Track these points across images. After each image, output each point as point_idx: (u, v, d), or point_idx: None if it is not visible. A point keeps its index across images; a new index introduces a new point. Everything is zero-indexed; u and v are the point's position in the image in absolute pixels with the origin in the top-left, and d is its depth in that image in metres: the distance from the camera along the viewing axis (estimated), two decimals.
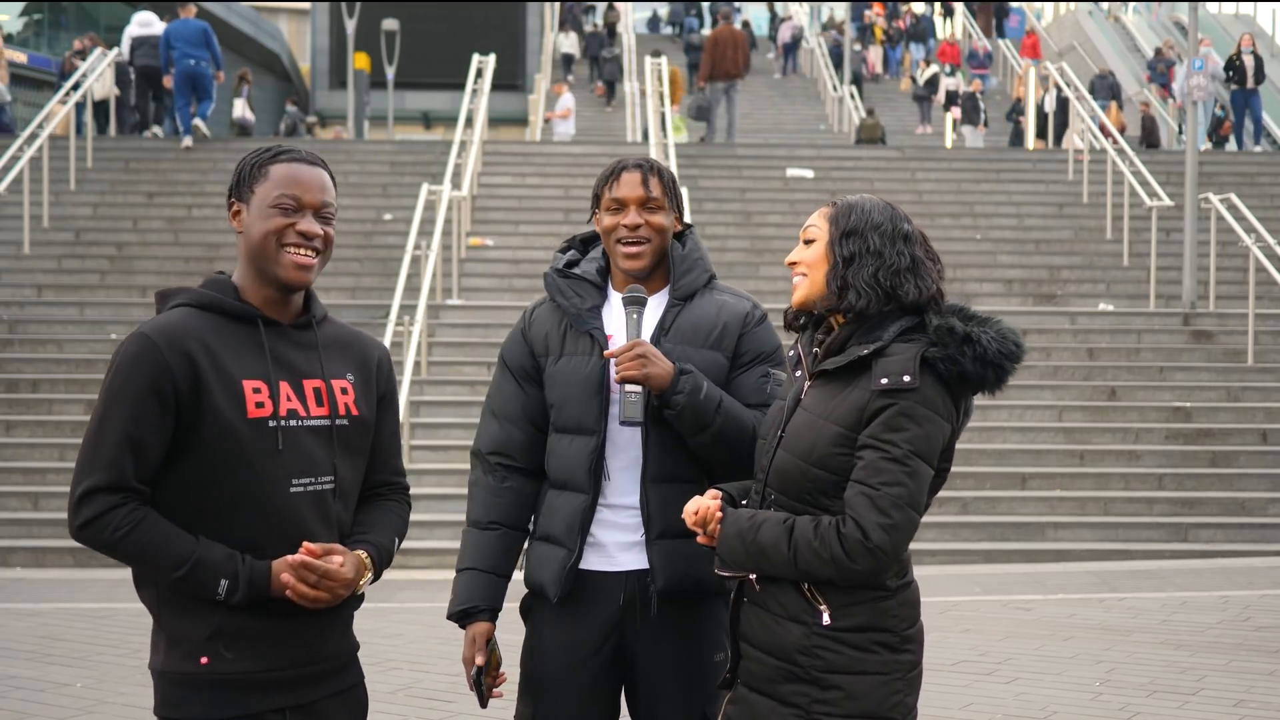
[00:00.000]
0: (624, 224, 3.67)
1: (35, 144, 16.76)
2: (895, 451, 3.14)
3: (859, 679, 3.19)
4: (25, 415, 13.10)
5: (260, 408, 3.07)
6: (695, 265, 3.76)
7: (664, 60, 20.55)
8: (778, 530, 3.20)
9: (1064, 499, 12.28)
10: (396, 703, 6.70)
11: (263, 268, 3.14)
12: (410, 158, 19.86)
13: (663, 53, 23.46)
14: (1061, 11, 39.34)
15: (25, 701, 6.87)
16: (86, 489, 3.00)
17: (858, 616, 3.20)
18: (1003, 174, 20.31)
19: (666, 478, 3.63)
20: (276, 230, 3.12)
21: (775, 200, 18.73)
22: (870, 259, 3.27)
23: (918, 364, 3.17)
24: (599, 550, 3.66)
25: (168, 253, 17.12)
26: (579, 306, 3.71)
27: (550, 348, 3.73)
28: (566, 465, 3.67)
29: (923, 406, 3.17)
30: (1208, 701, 6.94)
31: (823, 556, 3.14)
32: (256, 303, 3.15)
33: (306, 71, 43.13)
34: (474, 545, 3.74)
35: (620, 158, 3.77)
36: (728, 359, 3.69)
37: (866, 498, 3.13)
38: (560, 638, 3.66)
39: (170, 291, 3.20)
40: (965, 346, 3.19)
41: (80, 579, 10.36)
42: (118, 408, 3.01)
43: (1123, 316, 15.50)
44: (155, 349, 3.01)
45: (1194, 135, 16.83)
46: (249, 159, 3.20)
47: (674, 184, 3.74)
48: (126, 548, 3.00)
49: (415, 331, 12.98)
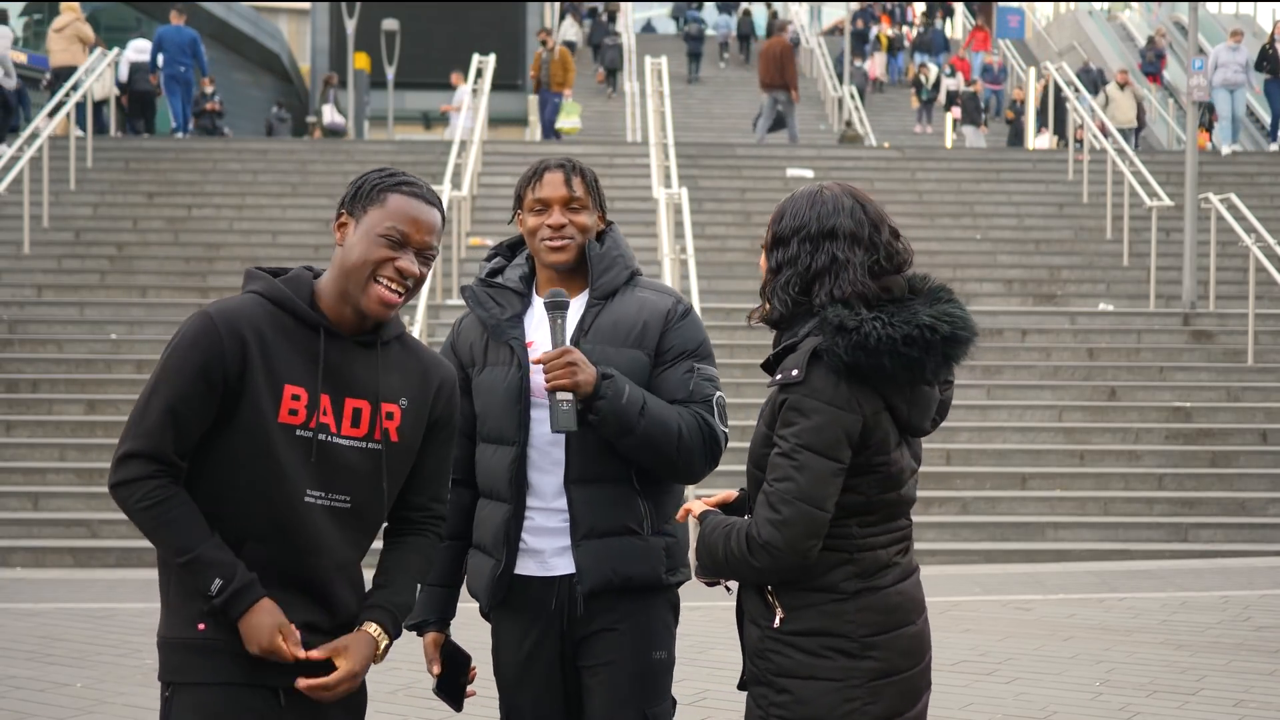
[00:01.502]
0: (548, 224, 3.70)
1: (35, 144, 16.76)
2: (784, 446, 3.12)
3: (807, 684, 3.16)
4: (25, 415, 13.09)
5: (294, 415, 3.10)
6: (615, 263, 3.76)
7: (664, 60, 20.54)
8: (720, 534, 3.21)
9: (1064, 499, 12.27)
10: (397, 703, 6.69)
11: (349, 289, 3.14)
12: (410, 158, 19.86)
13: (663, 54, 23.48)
14: (1061, 11, 39.29)
15: (25, 701, 6.87)
16: (126, 452, 3.07)
17: (808, 620, 3.17)
18: (1003, 174, 20.31)
19: (590, 479, 3.65)
20: (376, 261, 3.12)
21: (775, 200, 18.54)
22: (788, 267, 3.23)
23: (807, 358, 3.11)
24: (534, 556, 3.69)
25: (168, 253, 17.12)
26: (498, 316, 3.73)
27: (475, 358, 3.76)
28: (490, 475, 3.72)
29: (810, 398, 3.10)
30: (1208, 701, 6.94)
31: (735, 555, 3.16)
32: (329, 312, 3.15)
33: (306, 71, 43.12)
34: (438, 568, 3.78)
35: (542, 158, 3.79)
36: (650, 356, 3.69)
37: (763, 495, 3.14)
38: (509, 640, 3.74)
39: (255, 273, 3.22)
40: (839, 337, 3.08)
41: (80, 579, 10.36)
42: (167, 381, 3.07)
43: (1123, 316, 15.50)
44: (214, 331, 3.06)
45: (1193, 135, 16.82)
46: (373, 178, 3.20)
47: (596, 183, 3.78)
48: (145, 519, 3.07)
49: (415, 331, 12.98)
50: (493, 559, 3.70)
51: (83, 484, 12.11)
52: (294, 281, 3.18)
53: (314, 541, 3.14)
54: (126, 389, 13.46)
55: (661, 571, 3.70)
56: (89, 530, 11.49)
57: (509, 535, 3.67)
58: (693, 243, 14.38)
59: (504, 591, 3.69)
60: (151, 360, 13.64)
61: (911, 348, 3.08)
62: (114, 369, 13.75)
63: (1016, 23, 38.14)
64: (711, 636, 7.72)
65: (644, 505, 3.69)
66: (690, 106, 29.93)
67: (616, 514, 3.66)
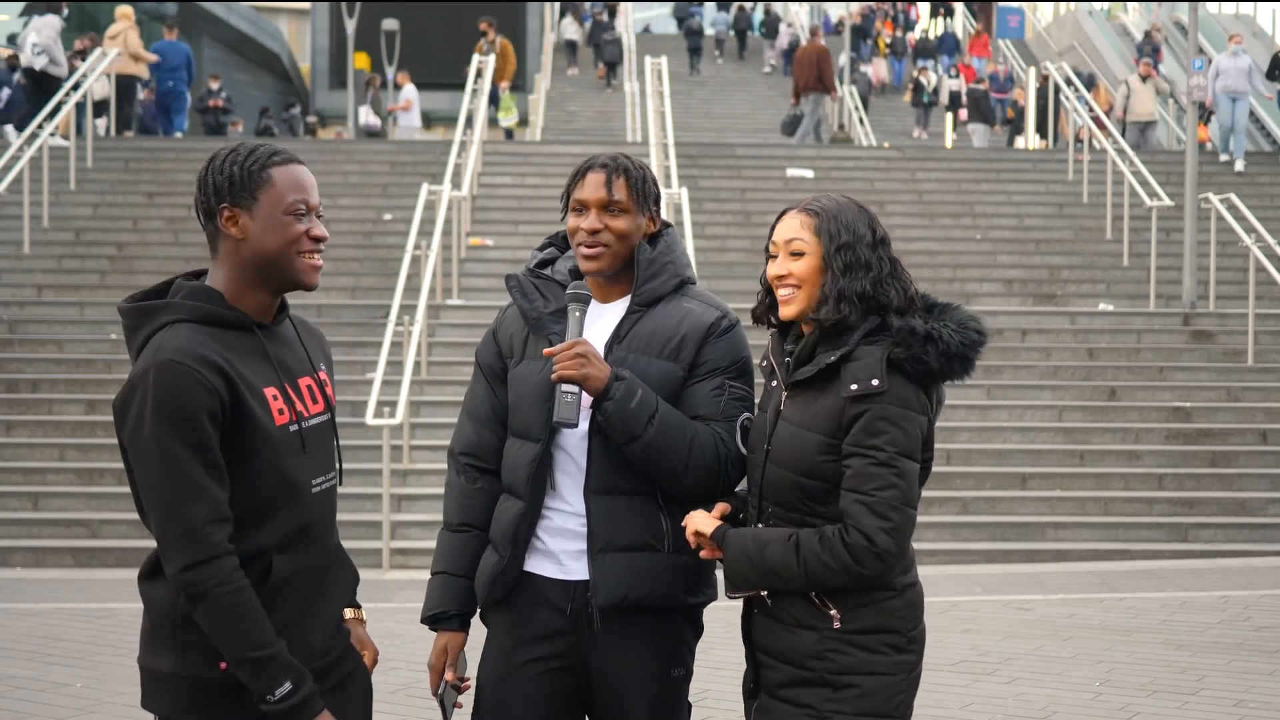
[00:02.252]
0: (583, 227, 3.53)
1: (35, 144, 16.76)
2: (881, 456, 3.21)
3: (868, 679, 3.28)
4: (25, 415, 13.10)
5: (282, 414, 3.10)
6: (663, 270, 3.60)
7: (664, 60, 20.54)
8: (784, 548, 3.26)
9: (1064, 499, 12.27)
10: (397, 703, 6.69)
11: (274, 275, 3.11)
12: (410, 158, 19.86)
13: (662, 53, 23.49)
14: (1061, 12, 39.28)
15: (25, 701, 6.87)
16: (190, 524, 2.92)
17: (867, 619, 3.29)
18: (1003, 174, 20.31)
19: (609, 490, 3.51)
20: (295, 238, 3.10)
21: (775, 200, 18.69)
22: (862, 271, 3.32)
23: (884, 366, 3.24)
24: (548, 556, 3.56)
25: (168, 253, 17.11)
26: (540, 310, 3.60)
27: (514, 350, 3.64)
28: (512, 470, 3.60)
29: (896, 406, 3.23)
30: (1208, 701, 6.94)
31: (832, 568, 3.22)
32: (246, 308, 3.12)
33: (306, 71, 43.12)
34: (446, 548, 3.68)
35: (591, 156, 3.63)
36: (685, 370, 3.53)
37: (863, 505, 3.21)
38: (504, 644, 3.58)
39: (148, 309, 3.08)
40: (929, 345, 3.25)
41: (80, 579, 10.37)
42: (180, 441, 2.93)
43: (1123, 316, 15.50)
44: (191, 372, 2.95)
45: (1193, 135, 16.82)
46: (240, 162, 3.09)
47: (643, 184, 3.58)
48: (224, 605, 2.94)
49: (415, 331, 12.97)
50: (498, 554, 3.58)
51: (83, 484, 12.12)
52: (199, 294, 3.08)
53: (325, 527, 3.19)
54: None
55: (679, 591, 3.55)
56: (89, 530, 11.49)
57: (518, 533, 3.55)
58: (693, 243, 14.38)
59: (504, 590, 3.56)
60: None
61: (972, 352, 3.31)
62: (114, 369, 13.74)
63: (1016, 23, 38.13)
64: (711, 636, 7.72)
65: (666, 521, 3.53)
66: (690, 106, 29.93)
67: (636, 528, 3.51)
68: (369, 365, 12.77)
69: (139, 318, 3.09)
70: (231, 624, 2.95)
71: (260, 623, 2.96)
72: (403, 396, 11.81)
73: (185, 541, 2.93)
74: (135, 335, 3.08)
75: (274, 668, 2.96)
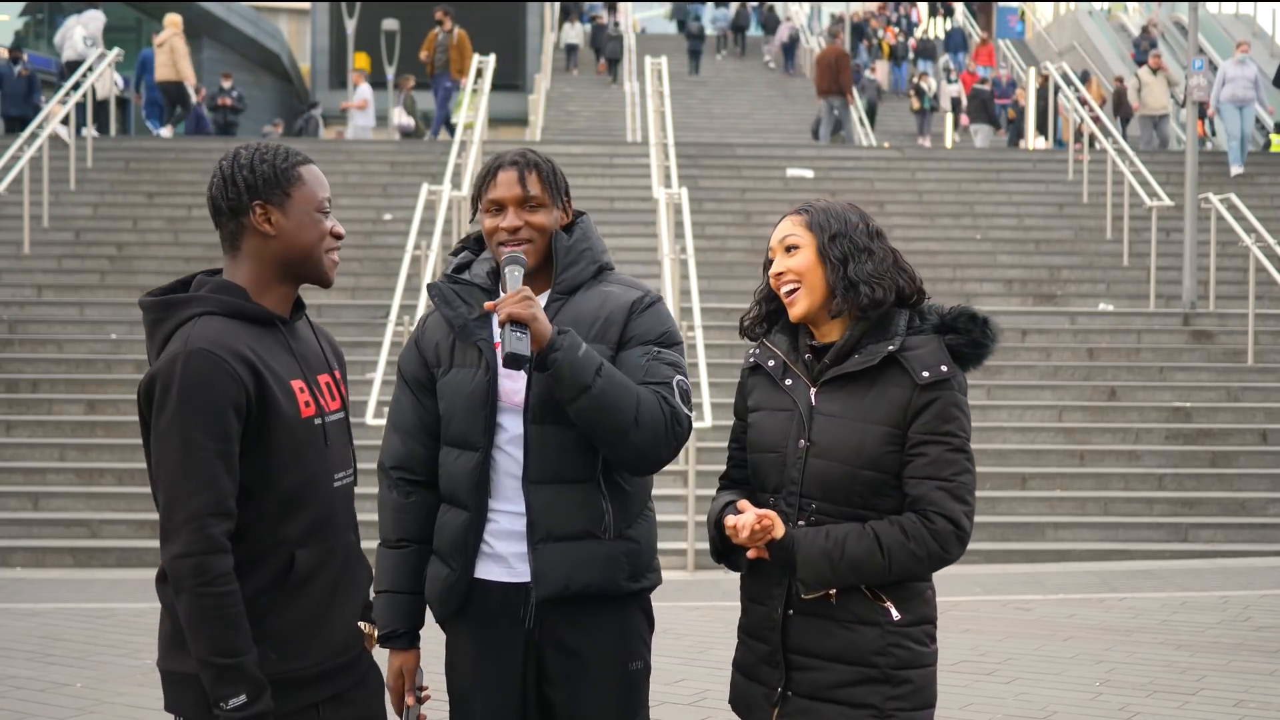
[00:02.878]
0: (502, 226, 3.50)
1: (35, 144, 16.76)
2: (955, 441, 3.26)
3: (919, 671, 3.33)
4: (25, 415, 13.10)
5: (308, 406, 3.12)
6: (580, 258, 3.57)
7: (664, 60, 20.54)
8: (865, 542, 3.24)
9: (1064, 499, 12.27)
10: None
11: (300, 270, 3.16)
12: (410, 158, 19.86)
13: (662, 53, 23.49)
14: (1061, 12, 39.29)
15: (25, 701, 6.87)
16: (191, 513, 2.94)
17: (917, 610, 3.35)
18: (1003, 174, 20.30)
19: (549, 479, 3.47)
20: (324, 235, 3.16)
21: (775, 200, 18.72)
22: (863, 255, 3.33)
23: (948, 354, 3.29)
24: (498, 560, 3.53)
25: (168, 253, 17.12)
26: (465, 316, 3.55)
27: (440, 358, 3.57)
28: (451, 481, 3.55)
29: (962, 393, 3.30)
30: (1208, 701, 6.94)
31: (919, 555, 3.25)
32: (268, 304, 3.14)
33: (306, 71, 43.11)
34: (387, 566, 3.62)
35: (497, 155, 3.60)
36: (612, 350, 3.49)
37: (945, 491, 3.25)
38: (469, 650, 3.56)
39: (174, 302, 3.09)
40: (986, 329, 3.32)
41: (80, 579, 10.37)
42: (200, 428, 2.95)
43: (1123, 316, 15.50)
44: (221, 362, 2.97)
45: (1193, 135, 16.82)
46: (272, 159, 3.12)
47: (554, 176, 3.57)
48: (203, 604, 2.94)
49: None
50: (448, 567, 3.53)
51: (83, 484, 12.12)
52: (225, 289, 3.10)
53: (345, 521, 3.21)
54: (126, 389, 13.46)
55: (621, 579, 3.51)
56: (89, 530, 11.49)
57: (467, 542, 3.50)
58: (693, 243, 14.37)
59: (458, 602, 3.53)
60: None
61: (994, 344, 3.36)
62: (114, 369, 13.75)
63: (1016, 23, 38.15)
64: (712, 636, 7.73)
65: (607, 507, 3.49)
66: (690, 106, 29.92)
67: (576, 516, 3.47)
68: (369, 365, 12.76)
69: (164, 310, 3.09)
70: (205, 624, 2.94)
71: (234, 629, 2.95)
72: None
73: (185, 529, 2.94)
74: (159, 328, 3.08)
75: (234, 677, 2.94)
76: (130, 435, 12.79)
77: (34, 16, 38.85)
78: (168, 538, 2.97)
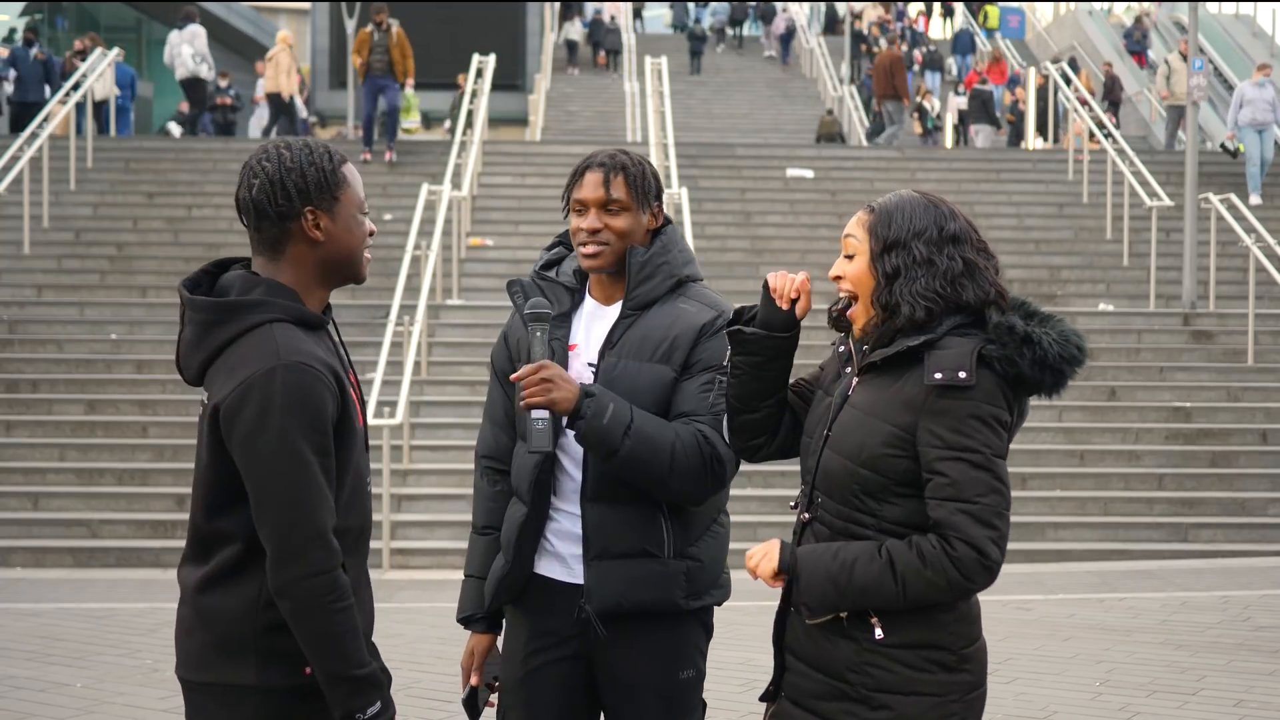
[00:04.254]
0: (583, 228, 3.50)
1: (35, 144, 16.76)
2: (977, 458, 2.97)
3: (911, 700, 3.04)
4: (25, 415, 13.09)
5: (362, 409, 3.09)
6: (657, 272, 3.55)
7: (664, 60, 20.55)
8: (876, 566, 2.99)
9: (1064, 499, 12.27)
10: (397, 703, 6.68)
11: (342, 273, 3.07)
12: (410, 158, 19.85)
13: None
14: (1061, 12, 39.27)
15: (25, 701, 6.86)
16: (318, 530, 2.85)
17: (911, 632, 3.05)
18: (1003, 174, 20.31)
19: (606, 497, 3.48)
20: (365, 236, 3.07)
21: (775, 200, 18.72)
22: (919, 270, 3.08)
23: (974, 360, 3.00)
24: (557, 559, 3.56)
25: (168, 253, 17.12)
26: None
27: (520, 353, 3.59)
28: (517, 475, 3.60)
29: (988, 404, 3.00)
30: (1208, 701, 6.94)
31: (938, 585, 2.98)
32: (311, 306, 3.06)
33: (306, 71, 43.10)
34: (474, 551, 3.71)
35: (591, 154, 3.59)
36: (676, 372, 3.49)
37: (967, 514, 2.96)
38: (520, 643, 3.59)
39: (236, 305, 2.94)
40: (1025, 348, 3.02)
41: (80, 579, 10.37)
42: (308, 442, 2.86)
43: (1123, 316, 15.50)
44: (319, 375, 2.88)
45: (1193, 135, 16.82)
46: (319, 162, 3.00)
47: (642, 181, 3.53)
48: (337, 621, 2.87)
49: (415, 331, 12.98)
50: (504, 559, 3.58)
51: (83, 484, 12.12)
52: (283, 293, 2.99)
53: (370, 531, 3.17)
54: (126, 389, 13.47)
55: (679, 597, 3.50)
56: (89, 530, 11.49)
57: (521, 538, 3.54)
58: (693, 243, 14.37)
59: (511, 594, 3.57)
60: (152, 360, 13.65)
61: (1069, 366, 3.08)
62: (114, 369, 13.75)
63: (1016, 23, 38.13)
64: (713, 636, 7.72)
65: (666, 526, 3.48)
66: (690, 106, 29.92)
67: (632, 535, 3.47)
68: (369, 365, 12.75)
69: (225, 313, 2.95)
70: (341, 639, 2.89)
71: (361, 639, 2.92)
72: (402, 397, 11.81)
73: (312, 547, 2.85)
74: (217, 330, 2.94)
75: (369, 686, 2.93)
76: (130, 435, 12.79)
77: (33, 16, 38.84)
78: (290, 558, 2.85)
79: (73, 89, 18.76)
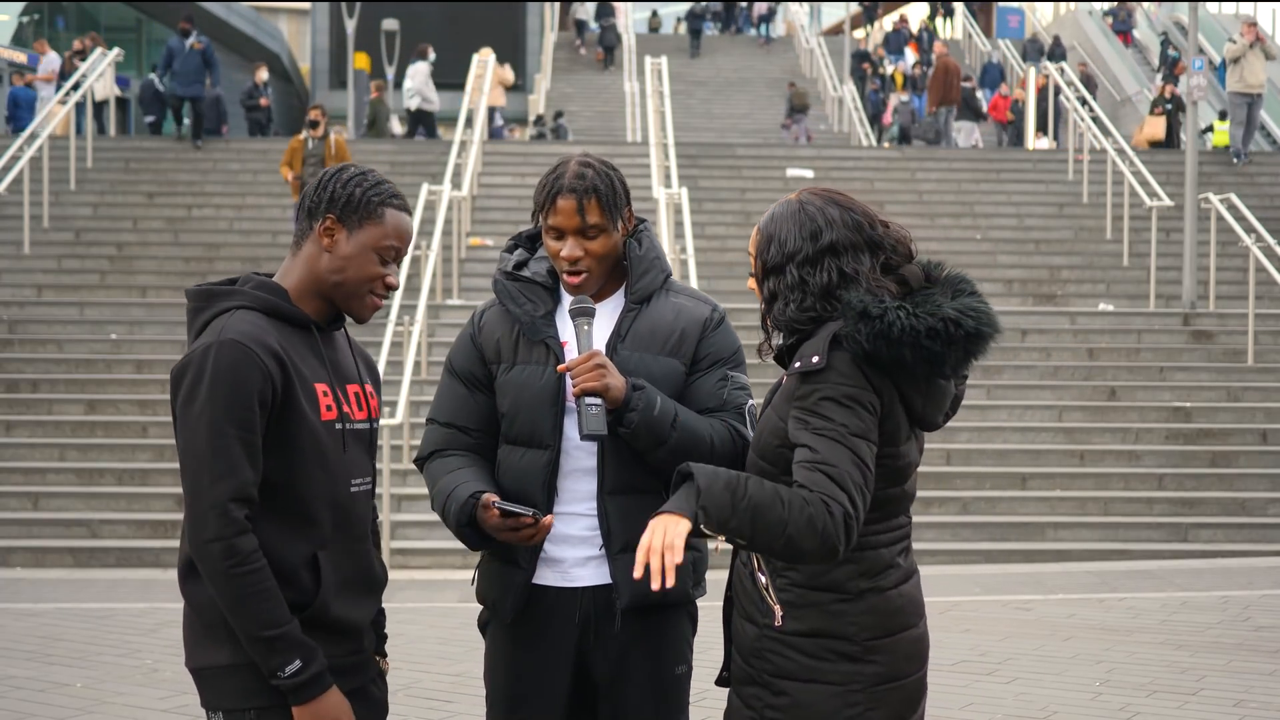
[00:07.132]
0: (563, 256, 3.48)
1: (35, 144, 16.76)
2: (835, 434, 2.94)
3: (808, 687, 3.05)
4: (25, 415, 13.10)
5: (329, 410, 3.16)
6: (652, 266, 3.59)
7: (664, 60, 20.55)
8: (768, 489, 2.92)
9: (1064, 499, 12.28)
10: (397, 703, 6.67)
11: (335, 297, 3.19)
12: (410, 158, 19.87)
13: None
14: (1061, 12, 39.27)
15: (25, 701, 6.87)
16: (216, 499, 3.00)
17: (810, 621, 3.06)
18: (1003, 174, 20.32)
19: (624, 489, 3.49)
20: (374, 277, 3.18)
21: (775, 200, 18.64)
22: (792, 295, 3.10)
23: (827, 343, 3.00)
24: (554, 566, 3.53)
25: (168, 253, 17.13)
26: (532, 314, 3.54)
27: (502, 355, 3.55)
28: (518, 480, 3.52)
29: (843, 384, 2.97)
30: (1208, 701, 6.94)
31: (815, 524, 2.88)
32: (306, 310, 3.20)
33: (306, 71, 43.12)
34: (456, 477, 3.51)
35: (557, 171, 3.53)
36: (686, 365, 3.54)
37: (829, 478, 2.90)
38: (519, 655, 3.57)
39: (216, 292, 3.18)
40: (861, 324, 2.96)
41: (80, 579, 10.36)
42: (226, 417, 3.01)
43: (1123, 316, 15.50)
44: (251, 354, 3.03)
45: (1194, 135, 16.82)
46: (364, 186, 3.17)
47: (613, 198, 3.51)
48: (238, 585, 2.99)
49: (415, 331, 12.98)
50: (520, 569, 3.53)
51: (83, 484, 12.12)
52: (267, 288, 3.17)
53: (361, 529, 3.25)
54: (126, 389, 13.47)
55: (689, 586, 3.58)
56: (89, 530, 11.49)
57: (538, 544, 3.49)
58: (693, 243, 14.38)
59: (524, 601, 3.55)
60: (152, 360, 13.65)
61: (934, 341, 2.98)
62: (114, 369, 13.75)
63: (1016, 23, 38.16)
64: (712, 636, 7.72)
65: None
66: (690, 106, 29.94)
67: None
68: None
69: (205, 300, 3.17)
70: (245, 602, 3.00)
71: (273, 600, 3.01)
72: (403, 396, 11.82)
73: (212, 514, 3.00)
74: (198, 316, 3.16)
75: (284, 645, 3.01)
76: (130, 435, 12.80)
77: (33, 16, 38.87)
78: (195, 524, 3.03)
79: (73, 89, 18.76)
